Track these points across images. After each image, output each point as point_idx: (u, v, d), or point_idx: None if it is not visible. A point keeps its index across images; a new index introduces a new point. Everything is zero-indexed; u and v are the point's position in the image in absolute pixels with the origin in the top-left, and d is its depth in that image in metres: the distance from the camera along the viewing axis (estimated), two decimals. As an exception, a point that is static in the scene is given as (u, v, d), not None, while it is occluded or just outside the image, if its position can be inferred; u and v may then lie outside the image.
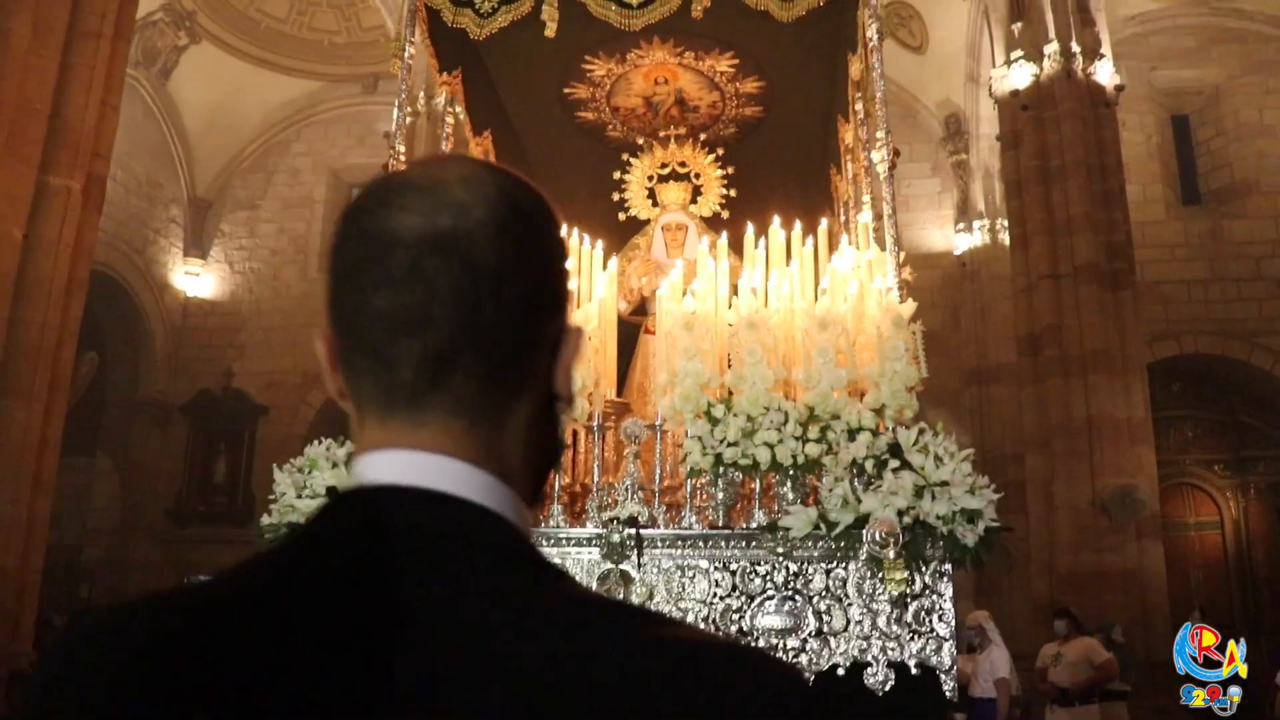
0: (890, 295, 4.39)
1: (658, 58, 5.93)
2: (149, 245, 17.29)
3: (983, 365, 15.42)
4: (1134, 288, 12.18)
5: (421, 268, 0.77)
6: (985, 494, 3.86)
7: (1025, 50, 12.87)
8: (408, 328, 0.78)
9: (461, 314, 0.78)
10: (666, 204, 6.42)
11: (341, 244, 0.82)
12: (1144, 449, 11.61)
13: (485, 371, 0.80)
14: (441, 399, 0.79)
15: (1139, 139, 15.66)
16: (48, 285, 8.08)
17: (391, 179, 0.84)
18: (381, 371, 0.79)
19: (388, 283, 0.78)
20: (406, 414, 0.80)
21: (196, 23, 16.67)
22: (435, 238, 0.78)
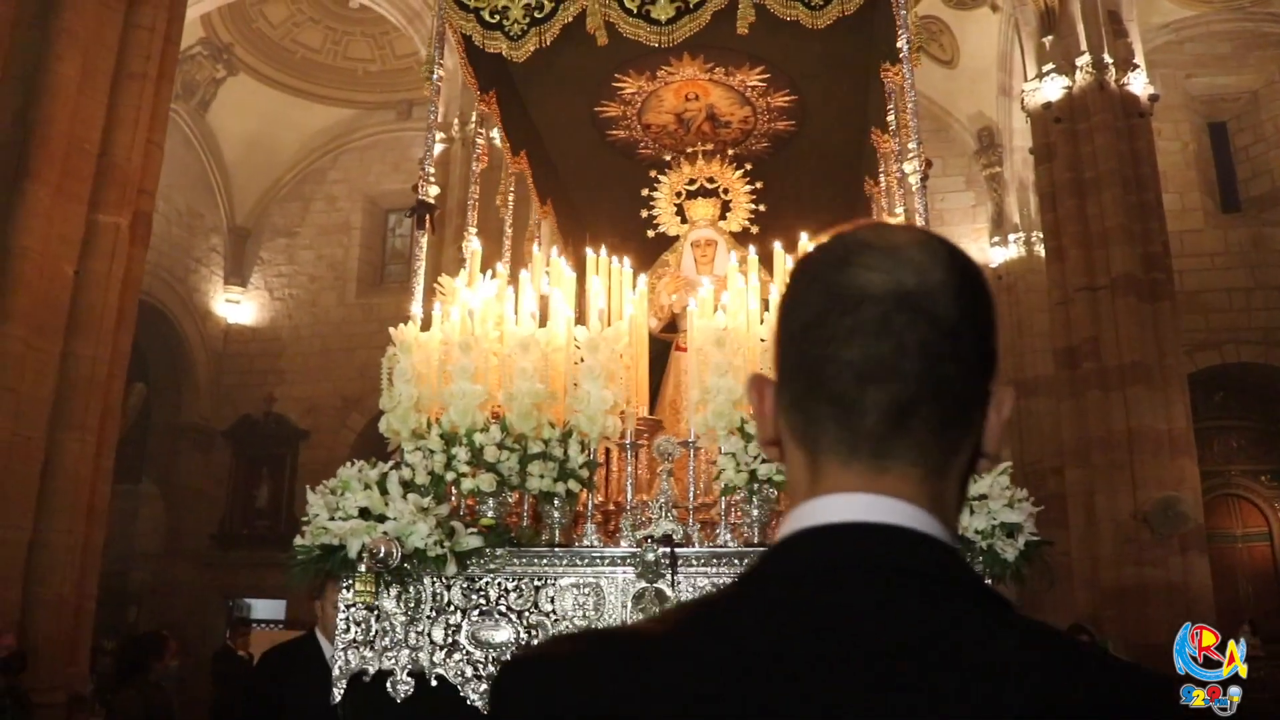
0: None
1: (688, 74, 5.89)
2: (190, 274, 17.49)
3: (1021, 378, 15.22)
4: (1172, 298, 12.01)
5: (891, 322, 0.84)
6: (1025, 507, 3.76)
7: (1057, 63, 12.79)
8: (877, 378, 0.84)
9: (926, 367, 0.84)
10: (695, 220, 6.36)
11: (802, 298, 0.89)
12: (1186, 461, 11.44)
13: (941, 423, 0.86)
14: (903, 447, 0.85)
15: (1175, 147, 15.46)
16: (98, 319, 8.26)
17: (847, 239, 0.91)
18: (847, 418, 0.85)
19: (858, 335, 0.84)
20: (870, 460, 0.85)
21: (234, 55, 16.93)
22: (902, 295, 0.84)
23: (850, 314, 0.85)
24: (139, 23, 8.78)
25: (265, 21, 16.88)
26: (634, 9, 4.92)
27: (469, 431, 4.33)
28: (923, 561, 0.84)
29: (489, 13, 5.14)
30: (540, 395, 4.34)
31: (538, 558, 4.19)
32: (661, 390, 5.98)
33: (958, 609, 0.82)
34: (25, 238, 7.74)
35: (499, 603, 4.19)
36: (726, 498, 4.22)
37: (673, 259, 6.42)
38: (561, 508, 4.33)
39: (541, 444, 4.31)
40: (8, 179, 7.80)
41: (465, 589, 4.21)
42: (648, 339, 5.42)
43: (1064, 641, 0.85)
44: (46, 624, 7.76)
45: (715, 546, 4.12)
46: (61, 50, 8.10)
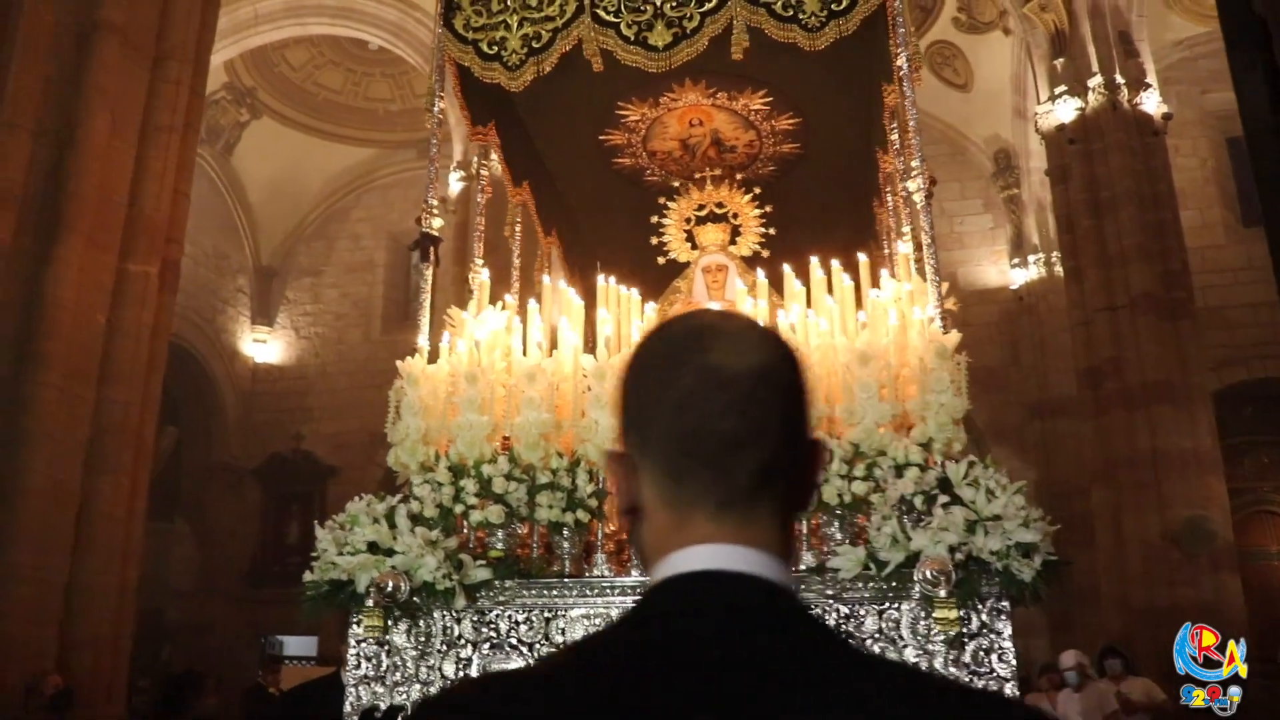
0: (933, 326, 4.21)
1: (690, 99, 5.84)
2: (218, 315, 17.58)
3: (1045, 399, 15.03)
4: (1193, 316, 11.82)
5: (758, 396, 0.96)
6: (1040, 527, 3.64)
7: (1069, 85, 12.71)
8: (747, 444, 0.96)
9: (785, 432, 0.98)
10: (705, 246, 6.29)
11: (669, 378, 0.98)
12: (1213, 479, 11.22)
13: (792, 479, 0.99)
14: (766, 502, 0.97)
15: (1194, 164, 15.29)
16: (130, 365, 8.35)
17: (695, 325, 1.03)
18: (720, 480, 0.96)
19: (732, 409, 0.95)
20: (741, 514, 0.96)
21: (257, 98, 17.11)
22: (762, 372, 0.97)
23: (723, 391, 0.96)
24: (165, 77, 8.91)
25: (287, 65, 17.04)
26: (631, 36, 4.88)
27: (477, 463, 4.26)
28: (772, 606, 0.94)
29: (487, 44, 5.12)
30: (548, 425, 4.27)
31: (548, 589, 4.11)
32: (676, 418, 5.88)
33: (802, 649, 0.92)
34: (59, 288, 7.84)
35: (510, 635, 4.10)
36: (737, 524, 4.12)
37: (684, 285, 6.35)
38: (571, 538, 4.24)
39: (550, 474, 4.23)
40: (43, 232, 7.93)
41: (475, 622, 4.13)
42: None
43: (907, 676, 0.96)
44: (84, 663, 7.79)
45: (727, 574, 4.01)
46: (92, 107, 8.23)
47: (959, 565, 3.55)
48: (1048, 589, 3.65)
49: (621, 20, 4.94)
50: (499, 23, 5.14)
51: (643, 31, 4.87)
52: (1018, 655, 3.75)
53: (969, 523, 3.62)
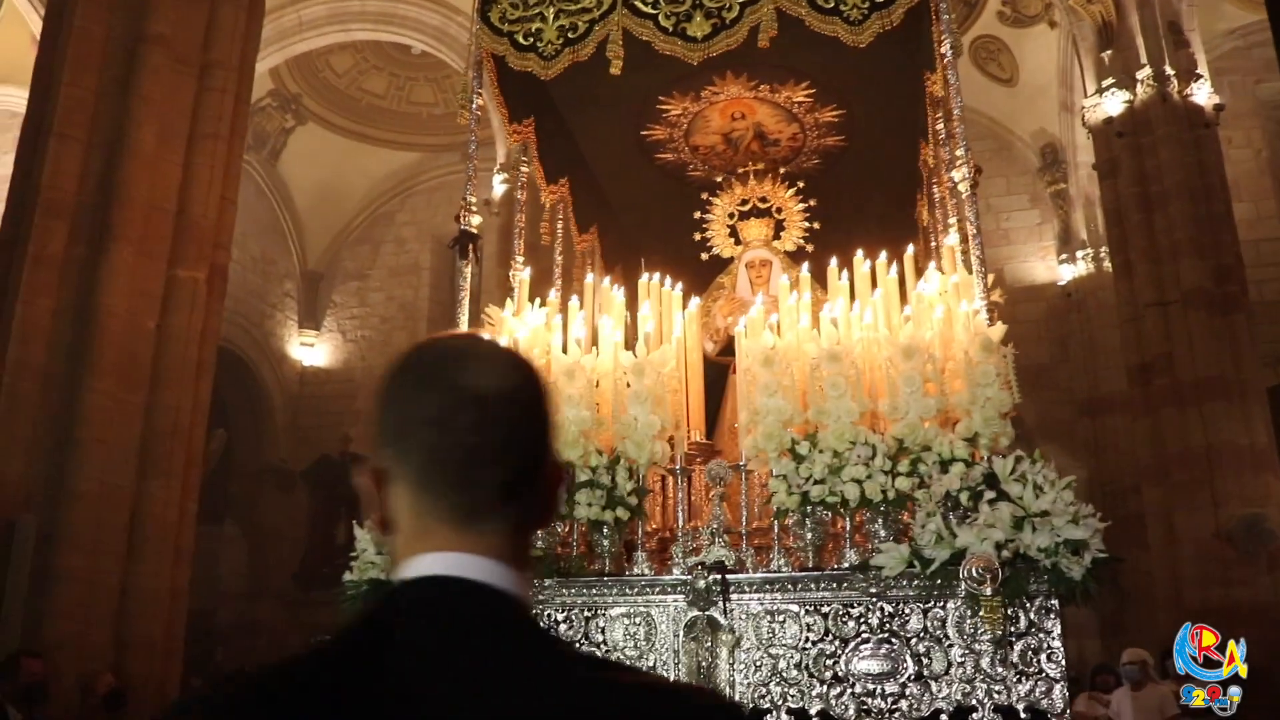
0: (978, 318, 4.11)
1: (732, 92, 5.77)
2: (266, 319, 17.71)
3: (1095, 396, 14.75)
4: (1247, 310, 11.50)
5: (503, 415, 1.03)
6: (1090, 523, 3.54)
7: (1117, 77, 12.40)
8: (491, 461, 1.02)
9: (526, 449, 1.05)
10: (749, 241, 6.22)
11: (419, 397, 1.03)
12: (1270, 476, 10.88)
13: (532, 494, 1.06)
14: (507, 513, 1.04)
15: (1247, 155, 14.90)
16: (179, 371, 8.48)
17: (446, 349, 1.10)
18: (463, 494, 1.02)
19: (479, 427, 1.01)
20: (481, 525, 1.02)
21: (302, 105, 17.20)
22: (508, 393, 1.04)
23: (470, 409, 1.02)
24: (211, 85, 9.04)
25: (331, 71, 17.12)
26: (670, 27, 4.82)
27: (515, 461, 4.21)
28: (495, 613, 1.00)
29: (523, 35, 5.08)
30: (587, 422, 4.22)
31: (588, 587, 4.06)
32: (720, 415, 5.82)
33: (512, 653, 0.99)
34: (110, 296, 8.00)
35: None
36: (779, 521, 4.04)
37: (728, 281, 6.29)
38: (611, 536, 4.19)
39: (589, 472, 4.18)
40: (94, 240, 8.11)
41: (516, 621, 4.08)
42: (702, 363, 5.28)
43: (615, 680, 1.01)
44: (137, 665, 7.92)
45: (769, 572, 3.94)
46: (140, 117, 8.39)
47: (1006, 563, 3.46)
48: (1098, 588, 3.55)
49: (660, 11, 4.88)
50: (535, 14, 5.10)
51: (681, 22, 4.81)
52: (1068, 656, 3.65)
53: (1016, 519, 3.53)
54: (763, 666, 3.78)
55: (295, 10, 14.57)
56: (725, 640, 3.81)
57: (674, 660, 3.87)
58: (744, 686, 3.76)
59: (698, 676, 3.79)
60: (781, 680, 3.74)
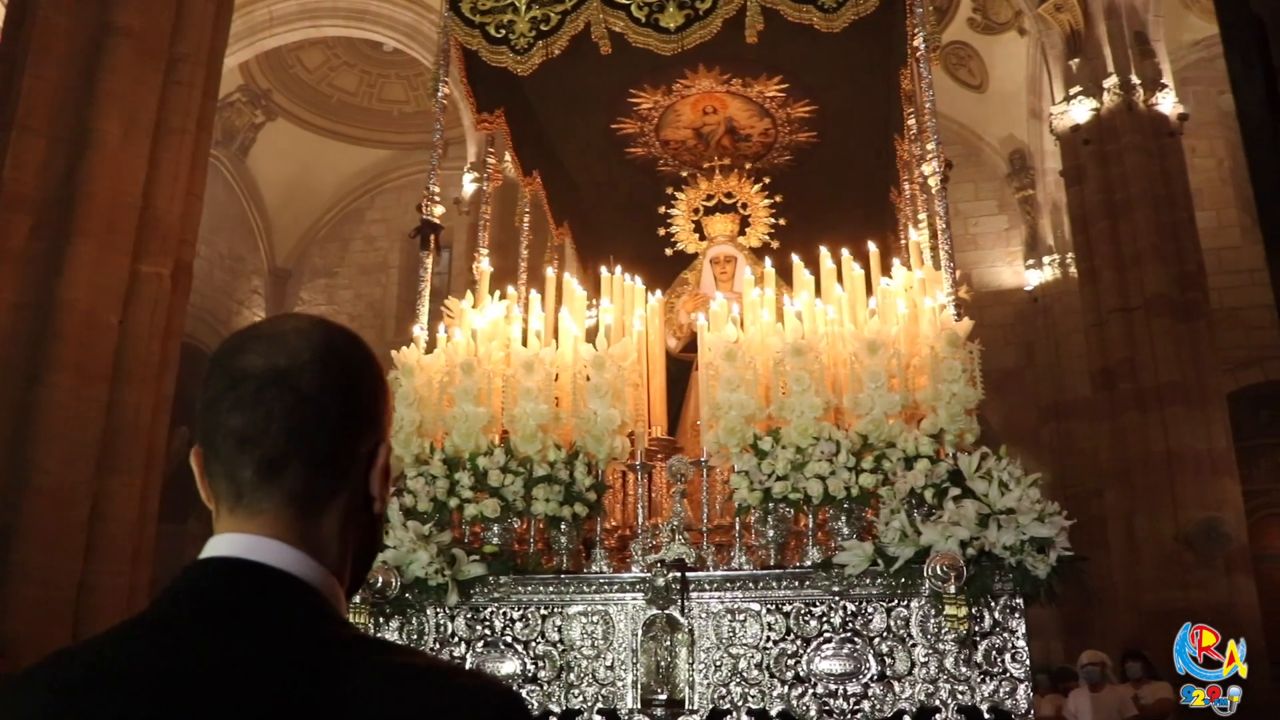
0: (945, 313, 4.01)
1: (704, 86, 5.65)
2: (233, 316, 17.47)
3: (1060, 400, 14.80)
4: (1209, 317, 11.64)
5: (263, 395, 1.01)
6: (1056, 521, 3.45)
7: (1084, 85, 12.51)
8: (252, 440, 1.01)
9: (291, 429, 1.01)
10: (713, 237, 6.10)
11: (208, 381, 1.04)
12: (1228, 480, 11.04)
13: (309, 474, 1.03)
14: (274, 494, 1.02)
15: (1210, 165, 15.04)
16: (142, 367, 8.29)
17: (245, 331, 1.08)
18: (232, 474, 1.02)
19: (239, 407, 1.01)
20: (249, 505, 1.02)
21: (272, 100, 17.01)
22: (274, 373, 1.02)
23: (235, 390, 1.02)
24: (178, 79, 8.86)
25: (302, 67, 16.93)
26: (642, 18, 4.71)
27: (472, 455, 4.08)
28: (259, 591, 0.99)
29: (494, 27, 4.95)
30: (545, 416, 4.09)
31: (544, 585, 3.93)
32: (683, 412, 5.70)
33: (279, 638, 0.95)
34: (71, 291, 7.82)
35: (504, 633, 3.92)
36: (741, 518, 3.92)
37: (692, 277, 6.17)
38: (569, 532, 4.06)
39: (548, 467, 4.05)
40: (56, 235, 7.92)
41: (469, 620, 3.95)
42: (664, 358, 5.16)
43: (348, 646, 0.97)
44: None
45: (730, 570, 3.82)
46: (105, 110, 8.21)
47: (971, 561, 3.36)
48: (1063, 586, 3.46)
49: (632, 2, 4.76)
50: (507, 5, 4.97)
51: (654, 13, 4.70)
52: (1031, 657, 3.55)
53: (981, 516, 3.43)
54: (723, 666, 3.65)
55: (266, 5, 14.36)
56: (684, 639, 3.69)
57: (632, 660, 3.74)
58: (704, 686, 3.64)
59: (656, 676, 3.67)
60: (742, 680, 3.62)
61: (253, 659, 0.92)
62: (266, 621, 0.96)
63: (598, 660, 3.77)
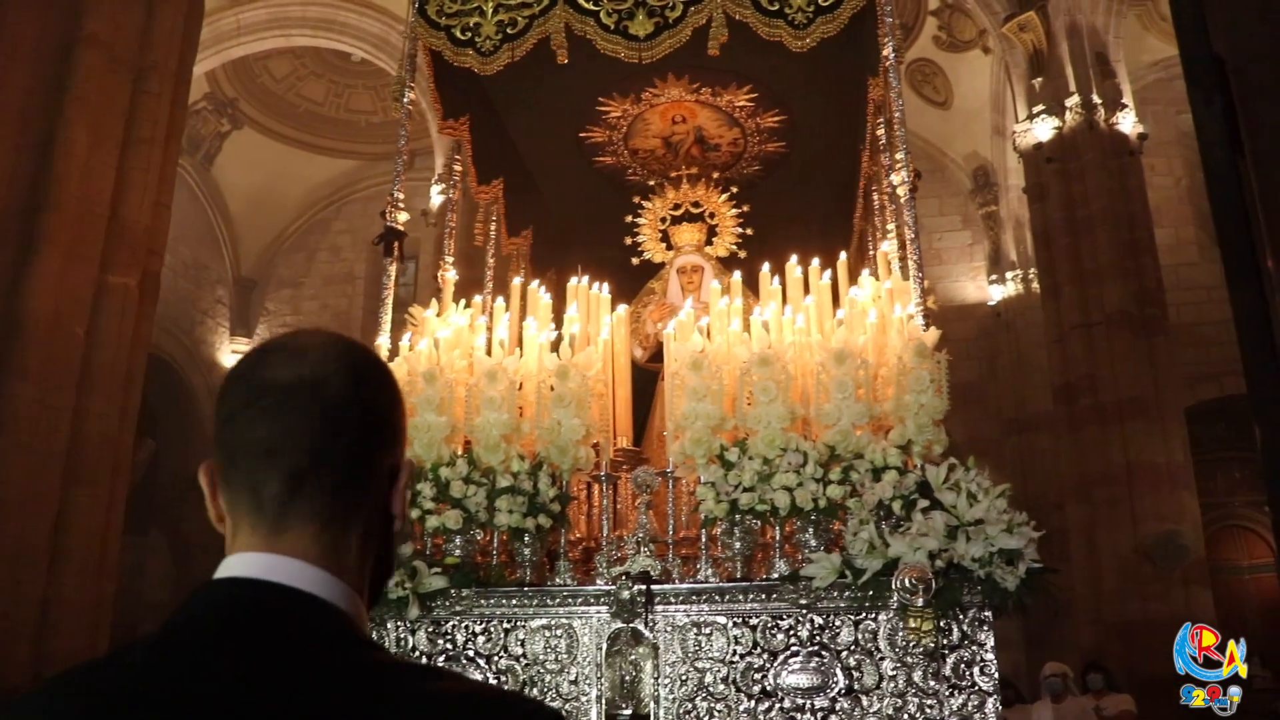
0: (913, 323, 3.95)
1: (673, 95, 5.58)
2: (197, 326, 17.23)
3: (1022, 414, 14.86)
4: (1167, 333, 11.73)
5: (287, 406, 0.99)
6: (1025, 532, 3.39)
7: (1047, 104, 12.61)
8: (276, 452, 0.98)
9: (315, 442, 0.99)
10: (680, 246, 6.02)
11: (229, 394, 1.02)
12: (1186, 494, 11.10)
13: (336, 486, 1.00)
14: (301, 508, 0.99)
15: (1168, 183, 15.19)
16: (108, 377, 8.16)
17: (267, 344, 1.06)
18: (256, 487, 0.99)
19: (263, 418, 0.99)
20: (274, 520, 0.99)
21: (238, 109, 16.80)
22: (299, 385, 1.00)
23: (259, 402, 1.00)
24: (148, 89, 8.73)
25: (269, 76, 16.71)
26: (611, 25, 4.63)
27: (434, 466, 3.98)
28: (286, 615, 0.95)
29: (460, 30, 4.86)
30: (509, 426, 3.99)
31: (507, 598, 3.83)
32: (649, 422, 5.62)
33: (305, 664, 0.92)
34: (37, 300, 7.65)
35: (467, 647, 3.82)
36: (707, 530, 3.84)
37: (658, 287, 6.09)
38: (533, 544, 3.96)
39: (511, 477, 3.95)
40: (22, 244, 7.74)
41: (431, 633, 3.85)
42: (630, 368, 5.07)
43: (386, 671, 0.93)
44: None
45: (695, 582, 3.74)
46: (73, 118, 8.06)
47: (939, 573, 3.29)
48: (1031, 598, 3.40)
49: (601, 8, 4.69)
50: (473, 9, 4.88)
51: (623, 20, 4.63)
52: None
53: (950, 528, 3.37)
54: (688, 680, 3.57)
55: (234, 13, 14.18)
56: (649, 653, 3.60)
57: (596, 674, 3.64)
58: (669, 701, 3.55)
59: (621, 690, 3.58)
60: (708, 695, 3.54)
61: (278, 685, 0.90)
62: (291, 646, 0.93)
63: (561, 675, 3.67)
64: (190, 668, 0.91)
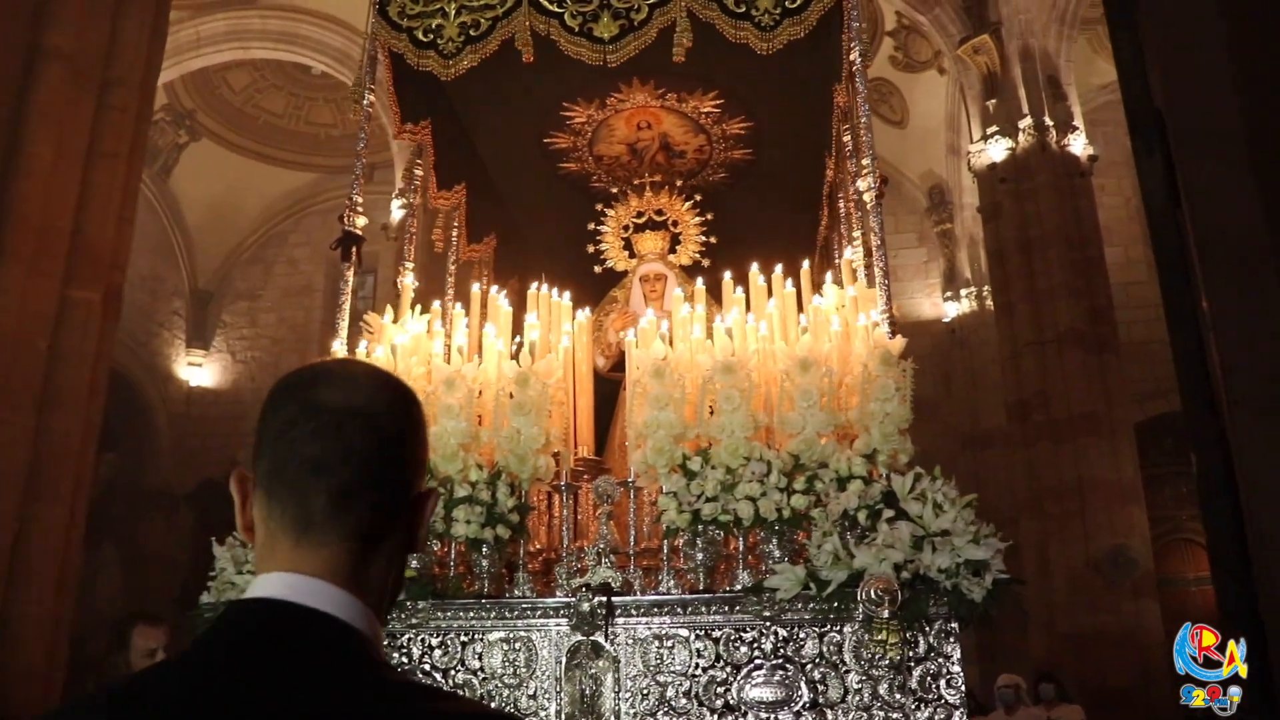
0: (878, 331, 3.87)
1: (639, 100, 5.47)
2: (153, 338, 16.91)
3: (976, 430, 14.91)
4: (1117, 351, 11.86)
5: (345, 429, 1.05)
6: (991, 543, 3.31)
7: (1000, 125, 12.75)
8: (326, 469, 1.03)
9: (368, 464, 1.05)
10: (643, 254, 5.90)
11: (278, 410, 1.07)
12: (1135, 509, 11.23)
13: (376, 508, 1.06)
14: (342, 525, 1.04)
15: (1118, 202, 15.37)
16: (71, 393, 8.04)
17: (317, 368, 1.12)
18: (302, 499, 1.03)
19: (317, 436, 1.04)
20: (315, 536, 1.03)
21: (196, 120, 16.57)
22: (353, 410, 1.06)
23: (313, 421, 1.03)
24: (111, 103, 8.59)
25: (228, 88, 16.49)
26: (576, 27, 4.51)
27: (390, 474, 3.82)
28: (307, 639, 0.98)
29: (422, 32, 4.73)
30: (466, 434, 3.86)
31: (465, 610, 3.68)
32: (611, 432, 5.49)
33: (311, 683, 0.94)
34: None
35: (423, 661, 3.67)
36: (669, 541, 3.71)
37: (621, 295, 5.98)
38: (491, 555, 3.82)
39: (469, 487, 3.81)
40: (-16, 259, 7.67)
41: (386, 647, 3.68)
42: (592, 376, 4.95)
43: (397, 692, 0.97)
44: (18, 695, 7.39)
45: (658, 594, 3.61)
46: (36, 132, 7.94)
47: (905, 584, 3.19)
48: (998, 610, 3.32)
49: (566, 10, 4.58)
50: (435, 10, 4.76)
51: (588, 22, 4.52)
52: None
53: (916, 538, 3.27)
54: (650, 695, 3.44)
55: (194, 25, 13.94)
56: (610, 667, 3.47)
57: (555, 688, 3.51)
58: (630, 715, 3.41)
59: (581, 705, 3.44)
60: (670, 709, 3.41)
61: (289, 706, 0.92)
62: (306, 668, 0.96)
63: (520, 689, 3.53)
64: (208, 688, 0.94)
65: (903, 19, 14.15)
